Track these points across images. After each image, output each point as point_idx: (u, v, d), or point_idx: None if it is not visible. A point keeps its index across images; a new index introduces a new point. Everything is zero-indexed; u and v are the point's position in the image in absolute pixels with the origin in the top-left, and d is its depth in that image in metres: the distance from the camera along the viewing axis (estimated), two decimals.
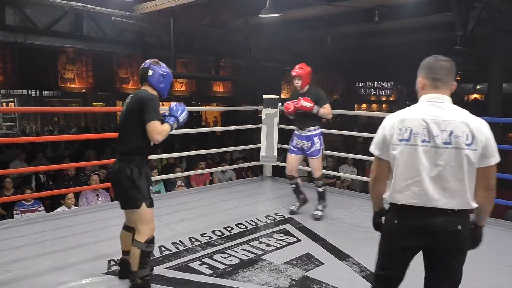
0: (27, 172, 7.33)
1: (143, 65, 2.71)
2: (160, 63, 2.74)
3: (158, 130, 2.53)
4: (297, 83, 4.12)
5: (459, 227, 1.83)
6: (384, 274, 2.02)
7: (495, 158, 1.85)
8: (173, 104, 2.75)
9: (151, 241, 2.63)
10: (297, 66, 4.15)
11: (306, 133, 4.22)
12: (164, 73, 2.70)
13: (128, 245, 2.73)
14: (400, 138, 1.86)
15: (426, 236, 1.85)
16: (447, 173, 1.80)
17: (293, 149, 4.33)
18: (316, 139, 4.20)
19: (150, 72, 2.65)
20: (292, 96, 4.30)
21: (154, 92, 2.67)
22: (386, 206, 2.06)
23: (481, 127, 1.81)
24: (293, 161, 4.35)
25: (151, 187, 2.68)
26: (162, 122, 2.62)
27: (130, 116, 2.58)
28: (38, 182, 7.16)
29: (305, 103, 4.03)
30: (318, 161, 4.25)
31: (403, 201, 1.88)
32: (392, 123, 1.91)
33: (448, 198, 1.82)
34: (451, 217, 1.83)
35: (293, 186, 4.45)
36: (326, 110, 4.11)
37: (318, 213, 4.29)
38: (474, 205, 1.85)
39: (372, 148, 1.99)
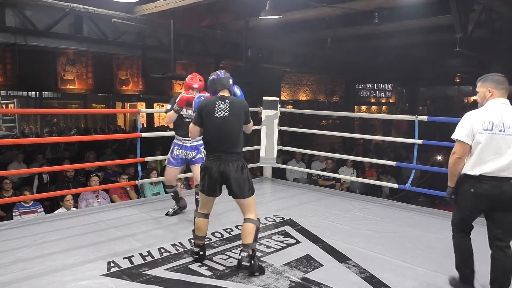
0: (27, 173, 7.34)
1: (223, 74, 3.16)
2: None
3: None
4: (196, 94, 3.99)
5: None
6: (464, 221, 2.76)
7: None
8: (237, 89, 3.22)
9: (259, 219, 3.12)
10: (195, 78, 4.05)
11: (191, 143, 4.12)
12: None
13: (206, 231, 3.23)
14: (485, 128, 2.53)
15: (496, 200, 2.55)
16: None
17: (173, 161, 4.18)
18: (202, 148, 4.12)
19: (231, 81, 3.17)
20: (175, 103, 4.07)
21: None
22: None
23: None
24: (173, 173, 4.25)
25: None
26: None
27: (241, 120, 3.08)
28: (40, 182, 7.17)
29: None
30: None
31: (481, 172, 2.53)
32: (477, 118, 2.58)
33: None
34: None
35: (172, 193, 4.36)
36: None
37: None
38: None
39: (460, 136, 2.61)
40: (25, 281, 2.85)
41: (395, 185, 5.85)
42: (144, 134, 4.96)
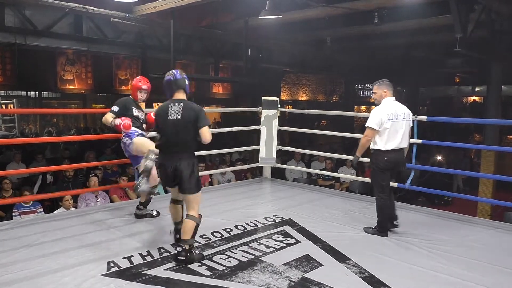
0: (26, 173, 7.33)
1: (179, 75, 3.27)
2: None
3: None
4: (143, 96, 4.15)
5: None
6: (385, 184, 3.90)
7: None
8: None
9: (201, 216, 3.28)
10: (144, 80, 4.14)
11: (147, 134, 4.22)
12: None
13: (180, 216, 3.42)
14: (389, 118, 3.75)
15: (397, 163, 3.88)
16: (405, 132, 3.84)
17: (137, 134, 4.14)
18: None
19: (187, 81, 3.32)
20: (127, 105, 4.11)
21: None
22: None
23: (409, 110, 3.92)
24: (147, 141, 4.17)
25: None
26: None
27: (193, 123, 3.16)
28: (44, 182, 7.16)
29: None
30: None
31: (391, 147, 3.78)
32: (384, 112, 3.77)
33: (405, 144, 3.88)
34: (404, 153, 3.92)
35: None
36: None
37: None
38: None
39: (372, 125, 3.77)
40: (25, 281, 2.85)
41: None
42: None
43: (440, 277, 3.02)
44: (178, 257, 3.13)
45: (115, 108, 4.07)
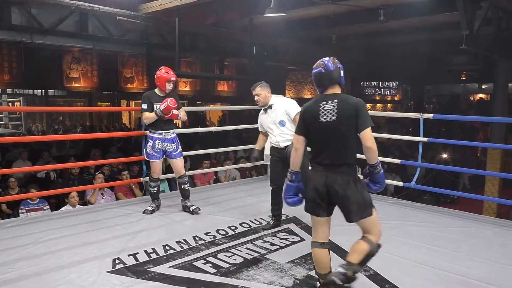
0: (32, 171, 7.38)
1: (332, 65, 2.57)
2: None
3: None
4: (171, 86, 4.20)
5: None
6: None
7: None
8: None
9: (379, 245, 2.64)
10: (171, 72, 4.17)
11: (170, 135, 4.27)
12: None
13: (327, 265, 2.67)
14: None
15: None
16: None
17: (156, 154, 4.25)
18: (178, 140, 4.35)
19: (342, 73, 2.61)
20: (151, 98, 4.16)
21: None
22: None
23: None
24: (159, 166, 4.40)
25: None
26: None
27: (352, 124, 2.50)
28: (47, 179, 7.20)
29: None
30: (182, 160, 4.40)
31: None
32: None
33: None
34: None
35: (156, 189, 4.42)
36: (185, 113, 4.42)
37: (196, 208, 4.34)
38: None
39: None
40: (31, 278, 2.87)
41: (400, 183, 5.83)
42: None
43: (446, 275, 3.01)
44: (333, 277, 2.48)
45: (144, 106, 4.16)
